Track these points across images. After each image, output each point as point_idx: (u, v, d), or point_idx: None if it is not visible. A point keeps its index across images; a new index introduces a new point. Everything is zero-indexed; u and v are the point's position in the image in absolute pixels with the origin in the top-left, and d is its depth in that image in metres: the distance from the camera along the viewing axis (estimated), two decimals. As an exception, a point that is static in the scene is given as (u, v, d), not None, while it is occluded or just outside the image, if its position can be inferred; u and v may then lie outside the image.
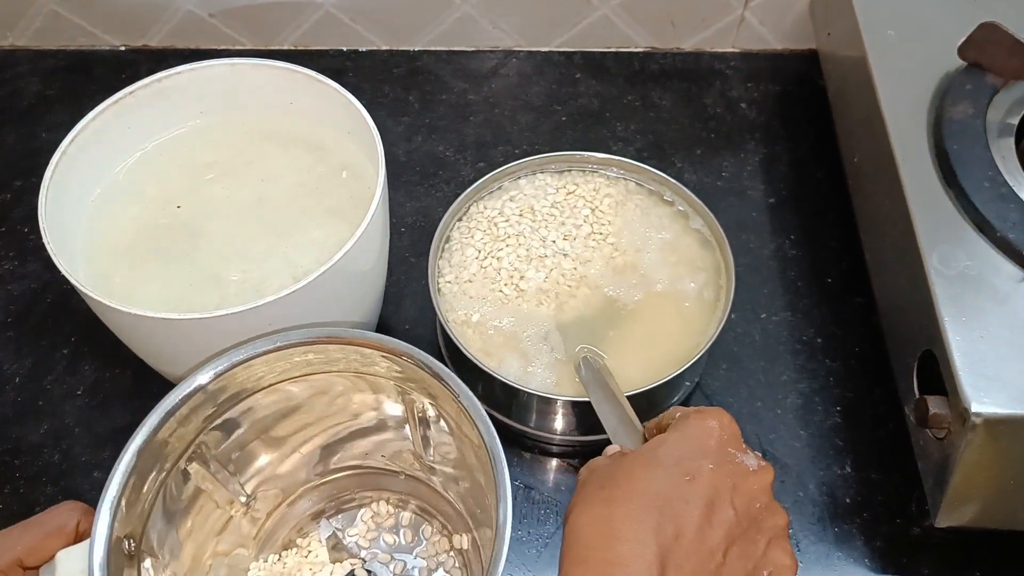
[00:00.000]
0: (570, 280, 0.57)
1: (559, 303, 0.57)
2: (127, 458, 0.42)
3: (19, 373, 0.61)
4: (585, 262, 0.58)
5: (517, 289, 0.57)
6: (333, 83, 0.54)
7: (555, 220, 0.60)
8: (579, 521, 0.39)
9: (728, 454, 0.41)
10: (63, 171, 0.51)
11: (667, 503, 0.39)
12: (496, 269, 0.58)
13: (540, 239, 0.59)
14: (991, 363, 0.47)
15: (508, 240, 0.59)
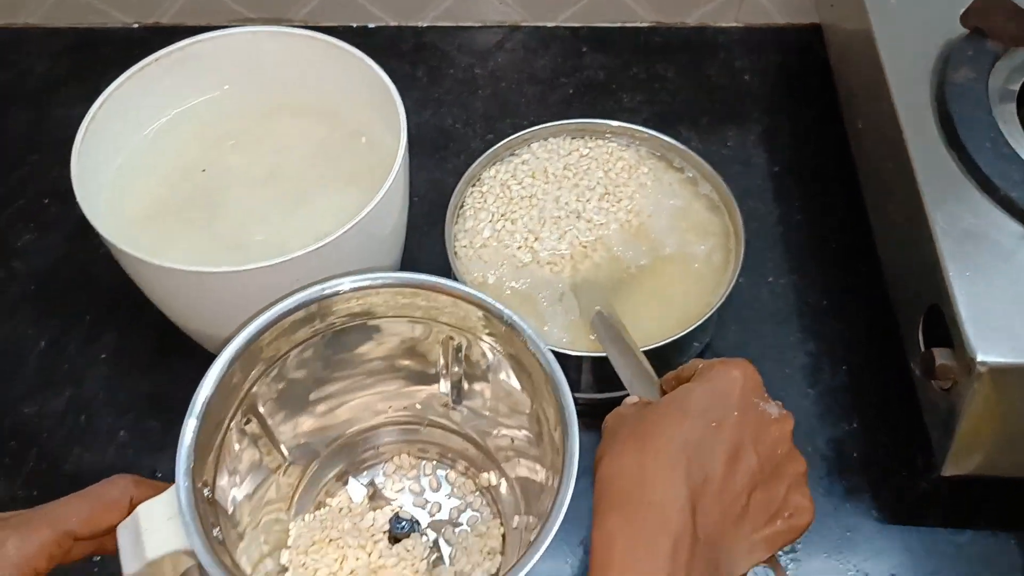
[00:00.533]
0: (584, 242, 0.59)
1: (573, 265, 0.58)
2: (201, 398, 0.43)
3: (42, 340, 0.62)
4: (598, 225, 0.59)
5: (532, 251, 0.59)
6: (353, 49, 0.55)
7: (568, 182, 0.61)
8: (612, 468, 0.40)
9: (751, 403, 0.43)
10: (91, 139, 0.52)
11: (696, 450, 0.40)
12: (510, 232, 0.60)
13: (554, 200, 0.60)
14: (996, 315, 0.48)
15: (521, 203, 0.61)
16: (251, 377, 0.46)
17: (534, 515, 0.50)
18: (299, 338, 0.47)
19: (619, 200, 0.61)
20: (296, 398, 0.50)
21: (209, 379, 0.43)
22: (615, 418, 0.44)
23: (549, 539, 0.40)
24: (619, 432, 0.42)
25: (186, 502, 0.39)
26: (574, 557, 0.55)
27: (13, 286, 0.65)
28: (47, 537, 0.40)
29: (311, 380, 0.50)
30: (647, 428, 0.41)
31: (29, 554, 0.39)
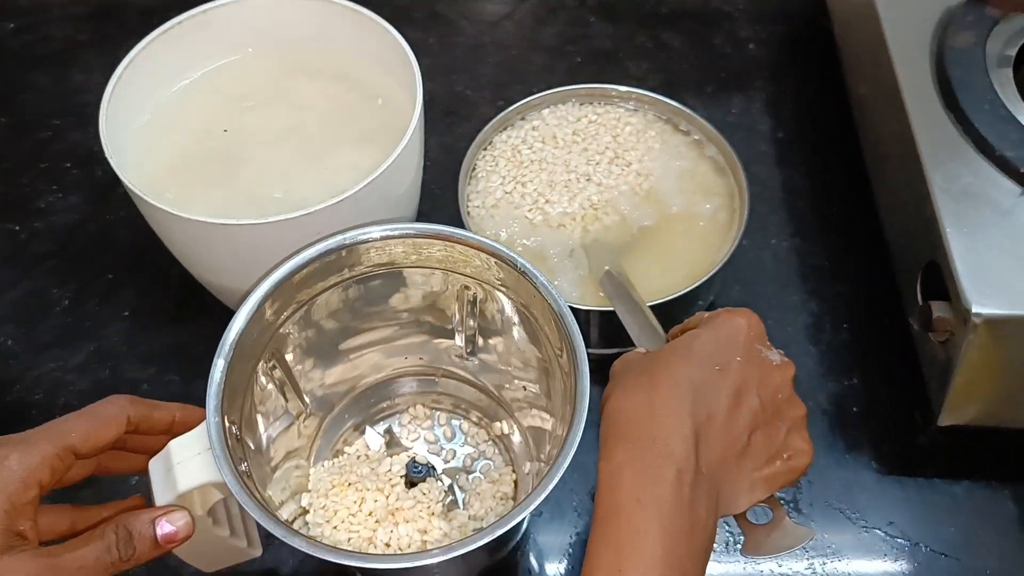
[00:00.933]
0: (594, 204, 0.60)
1: (583, 225, 0.60)
2: (232, 337, 0.45)
3: (65, 297, 0.64)
4: (608, 187, 0.61)
5: (542, 212, 0.60)
6: (370, 13, 0.57)
7: (577, 146, 0.63)
8: (621, 404, 0.42)
9: (755, 349, 0.44)
10: (118, 97, 0.54)
11: (701, 390, 0.42)
12: (521, 194, 0.61)
13: (563, 164, 0.62)
14: (991, 270, 0.50)
15: (532, 166, 0.62)
16: (281, 318, 0.48)
17: (544, 461, 0.52)
18: (327, 284, 0.49)
19: (628, 164, 0.62)
20: (318, 346, 0.52)
21: (242, 314, 0.45)
22: (622, 363, 0.46)
23: (559, 474, 0.42)
24: (627, 374, 0.44)
25: (216, 437, 0.41)
26: (581, 524, 0.57)
27: (36, 245, 0.67)
28: (49, 451, 0.41)
29: (334, 329, 0.52)
30: (655, 369, 0.43)
31: (32, 466, 0.41)
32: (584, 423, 0.43)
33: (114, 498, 0.49)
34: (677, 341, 0.45)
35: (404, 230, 0.48)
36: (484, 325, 0.53)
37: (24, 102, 0.74)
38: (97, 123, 0.72)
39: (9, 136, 0.72)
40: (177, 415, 0.46)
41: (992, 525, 0.55)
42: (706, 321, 0.46)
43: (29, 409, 0.60)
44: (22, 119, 0.73)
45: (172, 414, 0.46)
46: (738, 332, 0.45)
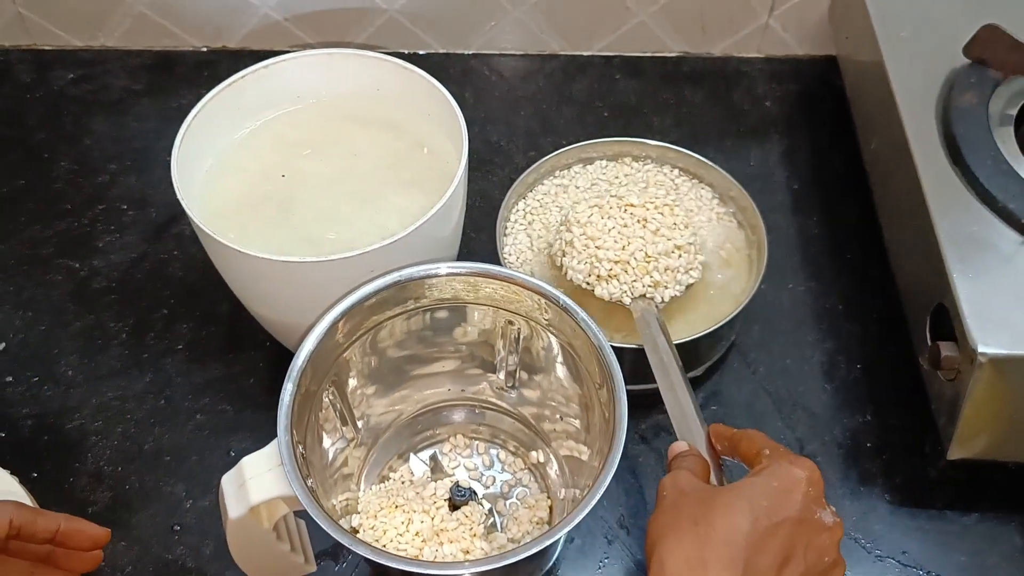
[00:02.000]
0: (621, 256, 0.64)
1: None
2: (301, 359, 0.48)
3: (123, 331, 0.68)
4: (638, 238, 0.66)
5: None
6: (418, 69, 0.61)
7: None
8: (674, 557, 0.41)
9: (810, 510, 0.44)
10: (187, 142, 0.58)
11: (752, 553, 0.41)
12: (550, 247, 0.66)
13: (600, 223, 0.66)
14: (996, 312, 0.54)
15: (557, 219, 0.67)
16: (345, 344, 0.51)
17: (579, 488, 0.55)
18: (389, 314, 0.53)
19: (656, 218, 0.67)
20: (373, 375, 0.56)
21: (311, 339, 0.49)
22: (674, 491, 0.45)
23: (593, 503, 0.45)
24: (680, 511, 0.43)
25: (286, 453, 0.45)
26: (611, 551, 0.60)
27: (95, 282, 0.71)
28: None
29: (389, 359, 0.56)
30: (711, 518, 0.42)
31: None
32: (620, 457, 0.46)
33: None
34: (734, 488, 0.44)
35: (466, 269, 0.53)
36: (529, 362, 0.57)
37: (84, 148, 0.78)
38: (152, 168, 0.77)
39: (70, 179, 0.76)
40: (62, 525, 0.47)
41: (1000, 553, 0.59)
42: (766, 469, 0.45)
43: (89, 436, 0.63)
44: (82, 164, 0.77)
45: (57, 523, 0.47)
46: (796, 487, 0.44)
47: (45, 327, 0.68)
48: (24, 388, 0.65)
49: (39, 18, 0.83)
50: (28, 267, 0.71)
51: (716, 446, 0.50)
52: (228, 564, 0.57)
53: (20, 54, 0.85)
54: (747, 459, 0.48)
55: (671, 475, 0.46)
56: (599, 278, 0.60)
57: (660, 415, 0.64)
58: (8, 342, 0.68)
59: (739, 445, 0.48)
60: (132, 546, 0.59)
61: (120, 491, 0.61)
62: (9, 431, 0.63)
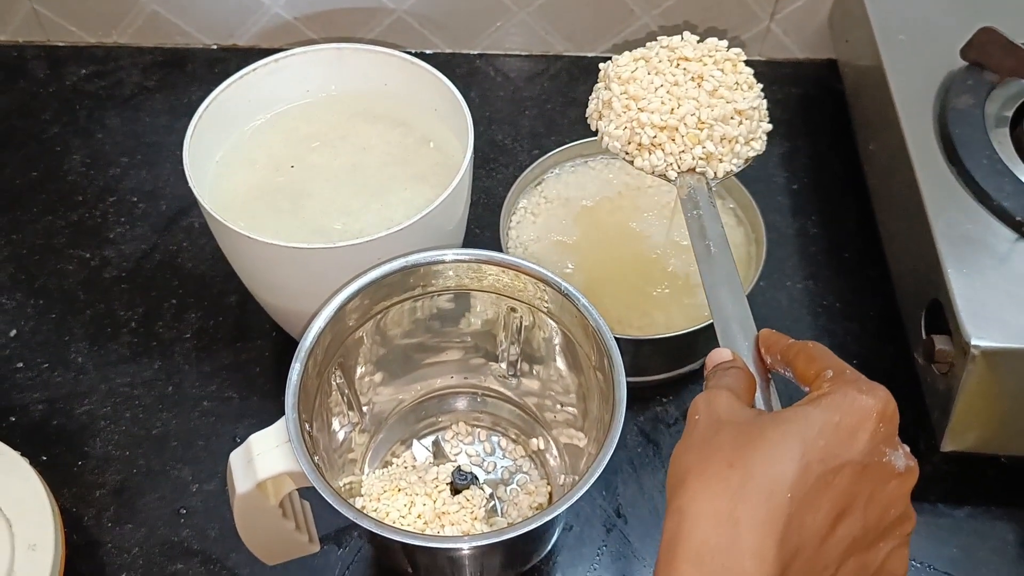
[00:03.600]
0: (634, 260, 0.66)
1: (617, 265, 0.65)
2: (310, 338, 0.49)
3: (133, 319, 0.70)
4: (645, 238, 0.67)
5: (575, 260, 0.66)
6: (426, 65, 0.63)
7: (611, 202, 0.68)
8: (699, 507, 0.33)
9: (878, 452, 0.35)
10: (199, 134, 0.59)
11: (797, 508, 0.33)
12: (554, 243, 0.67)
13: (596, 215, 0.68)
14: (989, 307, 0.55)
15: (565, 213, 0.68)
16: (351, 328, 0.53)
17: (578, 475, 0.57)
18: (396, 299, 0.54)
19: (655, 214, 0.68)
20: (378, 361, 0.57)
21: (318, 322, 0.50)
22: (709, 417, 0.37)
23: (586, 487, 0.45)
24: (712, 446, 0.35)
25: (294, 431, 0.46)
26: (609, 539, 0.61)
27: (107, 271, 0.72)
28: None
29: (395, 345, 0.57)
30: (751, 462, 0.34)
31: None
32: (617, 439, 0.47)
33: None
34: (782, 420, 0.35)
35: (473, 255, 0.54)
36: (530, 352, 0.58)
37: (96, 142, 0.80)
38: (163, 162, 0.78)
39: (83, 172, 0.78)
40: None
41: (991, 546, 0.60)
42: (829, 395, 0.36)
43: (98, 421, 0.65)
44: (95, 157, 0.79)
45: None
46: (864, 424, 0.35)
47: (56, 315, 0.70)
48: (35, 374, 0.67)
49: (54, 15, 0.85)
50: (41, 256, 0.73)
51: (766, 357, 0.42)
52: (233, 547, 0.58)
53: (35, 50, 0.87)
54: (804, 379, 0.39)
55: (706, 394, 0.38)
56: (640, 147, 0.52)
57: (659, 408, 0.66)
58: (20, 329, 0.69)
59: (795, 361, 0.39)
60: (139, 528, 0.60)
61: (128, 475, 0.62)
62: (20, 415, 0.65)
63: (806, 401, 0.37)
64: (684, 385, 0.66)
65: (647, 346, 0.61)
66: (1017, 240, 0.58)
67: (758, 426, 0.35)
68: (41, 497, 0.55)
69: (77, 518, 0.60)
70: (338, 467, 0.55)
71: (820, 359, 0.39)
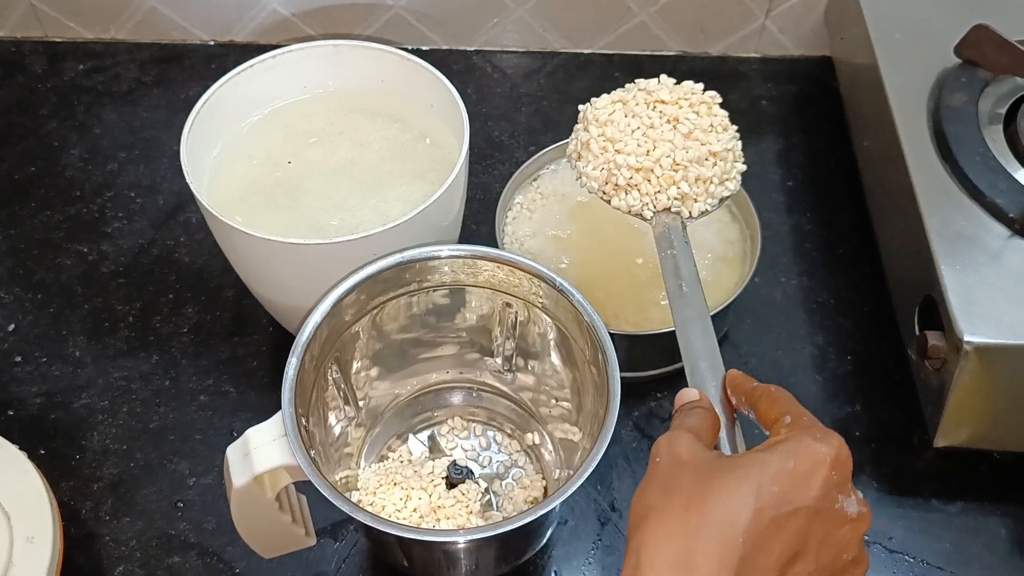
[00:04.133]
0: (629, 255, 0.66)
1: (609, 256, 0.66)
2: (306, 334, 0.50)
3: (130, 314, 0.70)
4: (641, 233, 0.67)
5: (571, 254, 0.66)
6: (422, 61, 0.63)
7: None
8: (657, 548, 0.35)
9: (831, 498, 0.36)
10: (196, 129, 0.60)
11: (750, 550, 0.35)
12: (550, 237, 0.67)
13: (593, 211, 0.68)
14: (981, 303, 0.56)
15: (561, 209, 0.68)
16: (347, 324, 0.53)
17: (573, 469, 0.57)
18: (391, 295, 0.54)
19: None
20: (374, 356, 0.57)
21: (315, 316, 0.50)
22: (670, 458, 0.38)
23: (580, 482, 0.46)
24: (671, 487, 0.36)
25: (290, 425, 0.46)
26: (604, 533, 0.61)
27: (104, 266, 0.72)
28: None
29: (391, 340, 0.57)
30: (707, 506, 0.35)
31: None
32: (609, 439, 0.47)
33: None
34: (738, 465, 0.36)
35: (469, 251, 0.54)
36: (525, 347, 0.59)
37: (94, 137, 0.80)
38: (160, 157, 0.79)
39: (81, 167, 0.78)
40: None
41: (983, 541, 0.60)
42: (784, 443, 0.37)
43: (96, 414, 0.65)
44: (93, 152, 0.79)
45: None
46: (817, 471, 0.36)
47: (54, 309, 0.70)
48: (33, 368, 0.67)
49: (52, 11, 0.85)
50: (39, 251, 0.73)
51: (732, 398, 0.43)
52: (230, 540, 0.59)
53: (33, 45, 0.87)
54: (765, 423, 0.40)
55: (668, 436, 0.39)
56: (617, 187, 0.54)
57: (653, 403, 0.66)
58: (18, 323, 0.69)
59: (758, 403, 0.41)
60: (136, 521, 0.60)
61: (125, 468, 0.63)
62: (18, 409, 0.65)
63: (764, 446, 0.38)
64: (679, 380, 0.65)
65: (642, 341, 0.62)
66: (1010, 237, 0.59)
67: (716, 470, 0.37)
68: (39, 490, 0.55)
69: (75, 511, 0.61)
70: (334, 461, 0.55)
71: (780, 403, 0.40)
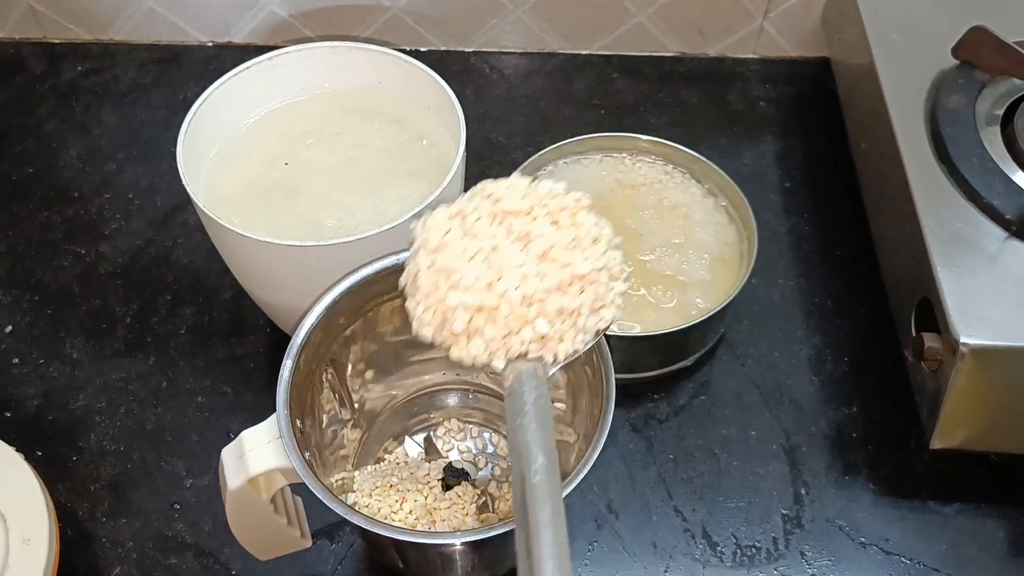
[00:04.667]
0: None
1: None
2: (301, 336, 0.50)
3: (128, 314, 0.70)
4: (630, 228, 0.67)
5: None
6: (419, 63, 0.63)
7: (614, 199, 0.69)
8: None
9: None
10: (193, 131, 0.60)
11: None
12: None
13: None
14: (978, 305, 0.55)
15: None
16: (343, 326, 0.53)
17: (567, 471, 0.57)
18: (386, 297, 0.54)
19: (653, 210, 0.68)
20: (370, 357, 0.57)
21: (310, 319, 0.50)
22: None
23: (575, 483, 0.45)
24: None
25: (285, 427, 0.46)
26: (600, 534, 0.61)
27: (102, 267, 0.72)
28: None
29: (386, 342, 0.57)
30: None
31: None
32: (605, 441, 0.47)
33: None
34: None
35: None
36: (520, 349, 0.58)
37: (92, 138, 0.80)
38: (158, 158, 0.79)
39: (79, 168, 0.78)
40: None
41: (979, 542, 0.60)
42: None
43: (93, 415, 0.65)
44: (91, 153, 0.79)
45: None
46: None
47: (52, 310, 0.70)
48: (31, 369, 0.67)
49: (51, 12, 0.85)
50: (37, 252, 0.73)
51: None
52: (226, 541, 0.59)
53: (32, 47, 0.87)
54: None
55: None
56: (455, 335, 0.42)
57: (650, 404, 0.66)
58: (16, 324, 0.69)
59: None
60: (132, 522, 0.60)
61: (122, 468, 0.63)
62: (15, 410, 0.65)
63: None
64: (676, 382, 0.67)
65: (639, 343, 0.62)
66: (1007, 239, 0.59)
67: None
68: (35, 491, 0.55)
69: (72, 512, 0.61)
70: (330, 463, 0.55)
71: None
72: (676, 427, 0.65)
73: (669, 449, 0.64)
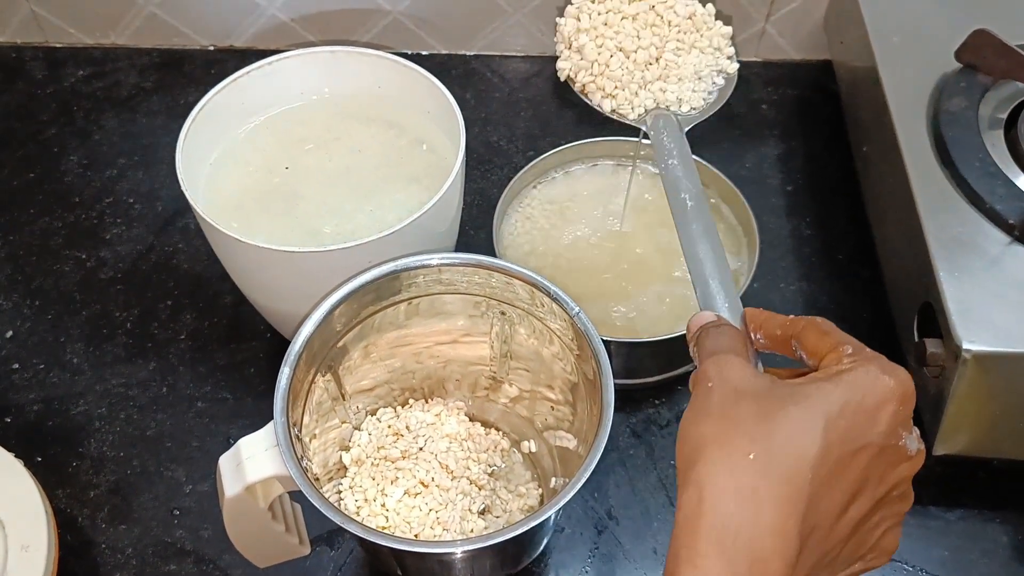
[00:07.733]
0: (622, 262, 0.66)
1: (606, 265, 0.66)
2: (298, 344, 0.50)
3: (129, 320, 0.70)
4: (630, 233, 0.67)
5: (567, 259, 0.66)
6: (418, 68, 0.63)
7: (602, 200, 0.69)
8: (722, 482, 0.33)
9: (896, 435, 0.35)
10: (192, 136, 0.60)
11: (816, 488, 0.33)
12: (550, 243, 0.67)
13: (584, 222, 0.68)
14: (980, 310, 0.55)
15: (558, 219, 0.68)
16: (341, 332, 0.53)
17: (570, 478, 0.57)
18: (381, 305, 0.54)
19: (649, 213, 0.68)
20: (368, 362, 0.57)
21: (307, 327, 0.50)
22: (724, 386, 0.35)
23: (575, 491, 0.46)
24: (731, 419, 0.34)
25: (282, 435, 0.46)
26: (600, 540, 0.61)
27: (102, 272, 0.72)
28: None
29: (384, 347, 0.57)
30: (772, 440, 0.33)
31: None
32: (604, 446, 0.47)
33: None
34: (804, 395, 0.34)
35: (459, 260, 0.54)
36: (520, 354, 0.58)
37: (93, 143, 0.80)
38: (159, 163, 0.79)
39: (80, 173, 0.78)
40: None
41: (982, 548, 0.60)
42: (847, 374, 0.35)
43: (93, 421, 0.65)
44: (92, 158, 0.79)
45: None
46: (885, 405, 0.35)
47: (52, 316, 0.70)
48: (31, 375, 0.67)
49: (52, 17, 0.85)
50: (37, 257, 0.73)
51: (757, 335, 0.41)
52: (226, 548, 0.59)
53: (33, 51, 0.87)
54: (815, 353, 0.38)
55: (717, 360, 0.37)
56: (601, 90, 0.57)
57: (651, 410, 0.66)
58: (16, 330, 0.69)
59: (804, 335, 0.38)
60: (132, 528, 0.60)
61: (122, 475, 0.63)
62: (16, 416, 0.65)
63: (825, 377, 0.36)
64: (676, 387, 0.67)
65: (639, 348, 0.62)
66: (1009, 243, 0.58)
67: (779, 400, 0.34)
68: (34, 498, 0.55)
69: (71, 518, 0.61)
70: (327, 469, 0.55)
71: (834, 333, 0.38)
72: (677, 433, 0.64)
73: (670, 455, 0.64)
